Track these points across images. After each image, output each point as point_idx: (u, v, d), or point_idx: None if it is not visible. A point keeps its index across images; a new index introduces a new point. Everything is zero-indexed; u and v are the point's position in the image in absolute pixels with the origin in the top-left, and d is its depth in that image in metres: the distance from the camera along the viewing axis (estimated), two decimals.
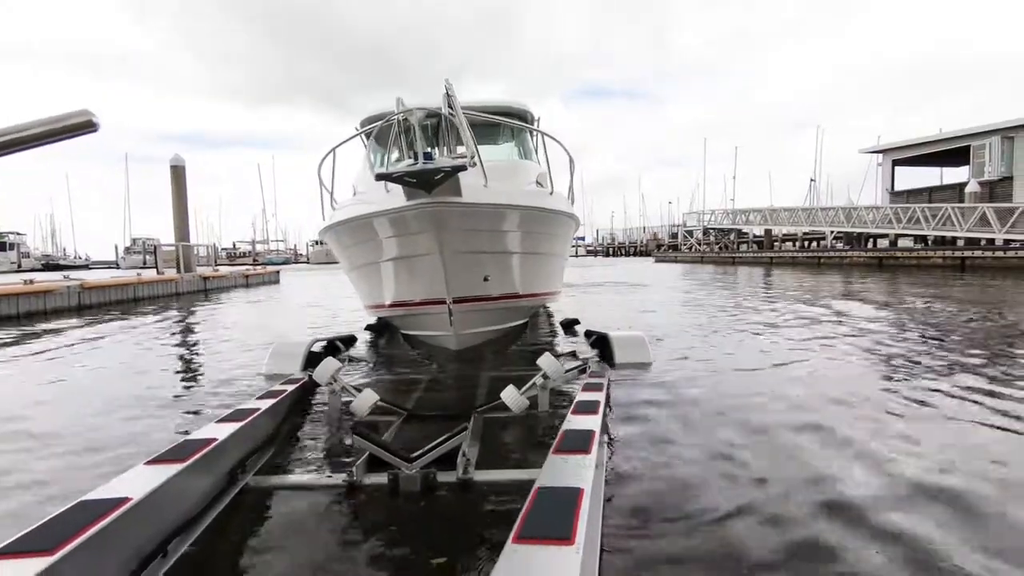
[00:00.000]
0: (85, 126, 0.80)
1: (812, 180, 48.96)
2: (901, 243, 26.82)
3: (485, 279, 4.30)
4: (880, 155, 32.23)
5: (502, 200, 3.98)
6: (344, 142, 4.95)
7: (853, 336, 5.66)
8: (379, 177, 3.34)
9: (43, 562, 1.15)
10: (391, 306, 4.75)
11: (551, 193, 5.04)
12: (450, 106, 3.69)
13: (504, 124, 5.75)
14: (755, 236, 40.39)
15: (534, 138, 6.57)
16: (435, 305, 4.15)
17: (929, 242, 24.62)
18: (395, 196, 3.59)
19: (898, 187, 30.88)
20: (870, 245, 28.79)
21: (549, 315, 7.68)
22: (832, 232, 30.93)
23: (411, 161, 3.41)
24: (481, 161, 3.69)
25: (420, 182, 3.28)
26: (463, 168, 3.27)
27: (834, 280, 14.77)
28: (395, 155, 5.30)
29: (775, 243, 36.63)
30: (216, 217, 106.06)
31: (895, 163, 30.94)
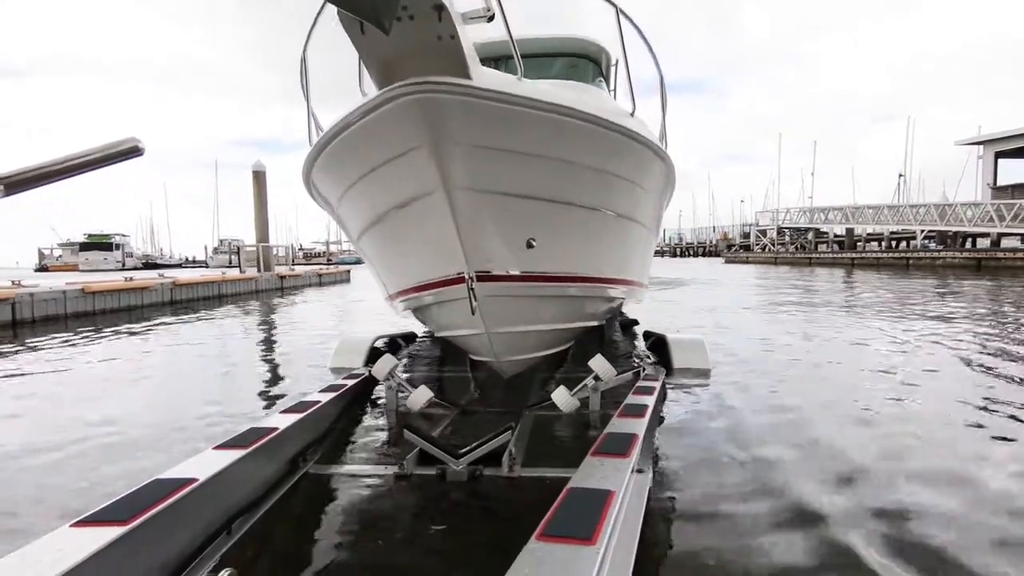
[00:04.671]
0: (132, 151, 0.91)
1: (900, 175, 45.62)
2: (1005, 243, 24.48)
3: (529, 244, 2.86)
4: (980, 147, 29.59)
5: (547, 99, 2.44)
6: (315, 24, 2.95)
7: None
8: None
9: (119, 531, 1.29)
10: (407, 292, 3.38)
11: (631, 115, 3.19)
12: None
13: (571, 67, 4.32)
14: (836, 236, 38.12)
15: (612, 84, 5.02)
16: (452, 285, 2.85)
17: None
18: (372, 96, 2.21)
19: (1001, 181, 28.19)
20: (968, 245, 26.47)
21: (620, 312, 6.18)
22: (923, 231, 28.69)
23: None
24: (511, 33, 2.33)
25: None
26: None
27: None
28: None
29: (858, 243, 34.40)
30: (294, 219, 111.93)
31: (998, 155, 28.30)
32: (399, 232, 2.93)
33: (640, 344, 5.22)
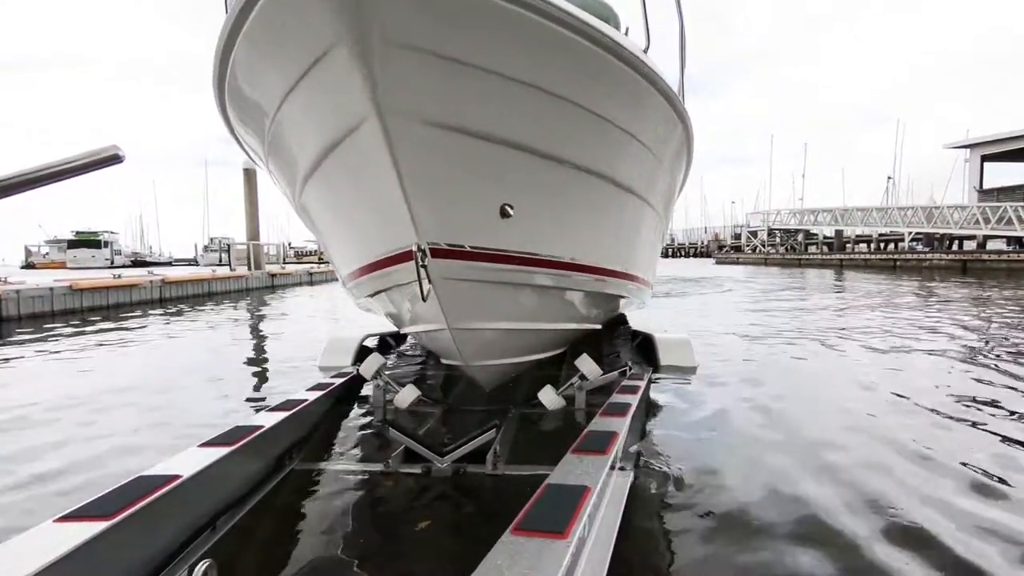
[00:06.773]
0: (112, 159, 0.93)
1: (889, 178, 46.26)
2: (990, 245, 24.83)
3: (504, 212, 2.15)
4: (967, 150, 29.97)
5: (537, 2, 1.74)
6: None
7: None
8: None
9: (103, 525, 1.30)
10: (356, 274, 2.75)
11: (646, 50, 2.54)
12: None
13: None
14: (825, 237, 38.47)
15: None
16: (400, 263, 2.22)
17: None
18: None
19: (987, 184, 28.59)
20: (954, 247, 26.81)
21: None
22: (911, 233, 29.02)
23: None
24: None
25: None
26: None
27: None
28: None
29: (847, 245, 34.73)
30: (285, 218, 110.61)
31: (984, 159, 28.70)
32: (337, 186, 2.16)
33: (627, 343, 5.26)
